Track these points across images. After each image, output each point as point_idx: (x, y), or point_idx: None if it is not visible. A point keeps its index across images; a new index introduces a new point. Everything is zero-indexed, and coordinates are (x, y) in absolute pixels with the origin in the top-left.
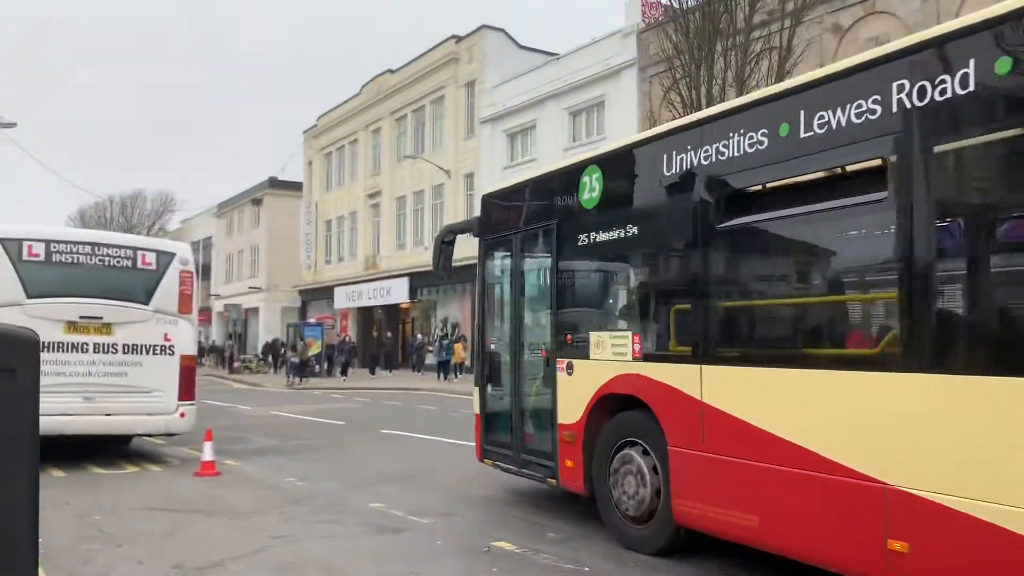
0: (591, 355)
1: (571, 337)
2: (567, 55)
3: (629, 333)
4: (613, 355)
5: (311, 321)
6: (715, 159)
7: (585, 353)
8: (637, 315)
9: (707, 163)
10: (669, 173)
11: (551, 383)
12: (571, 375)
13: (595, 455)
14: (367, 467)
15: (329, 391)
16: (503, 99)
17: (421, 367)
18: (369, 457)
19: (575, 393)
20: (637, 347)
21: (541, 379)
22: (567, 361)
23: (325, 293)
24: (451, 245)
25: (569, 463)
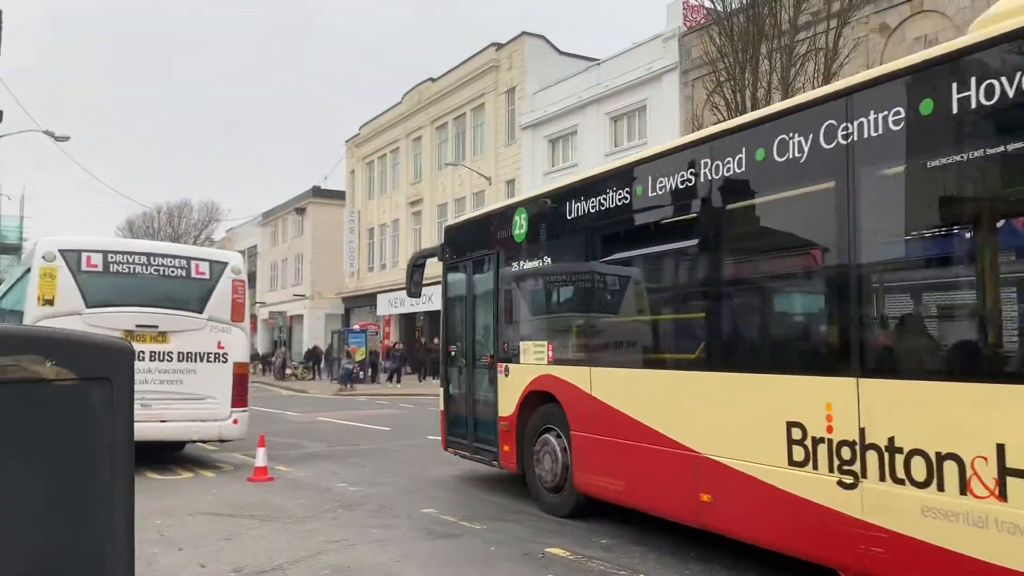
0: (521, 360)
1: (507, 345)
2: (608, 60)
3: (545, 343)
4: (535, 360)
5: (355, 328)
6: (597, 209)
7: (517, 358)
8: (550, 328)
9: (592, 212)
10: (570, 218)
11: (493, 383)
12: (507, 376)
13: (524, 440)
14: (416, 472)
15: (374, 397)
16: (544, 105)
17: None
18: (417, 462)
19: (510, 391)
20: (551, 354)
21: (487, 380)
22: (505, 365)
23: (368, 300)
24: (421, 268)
25: (506, 448)
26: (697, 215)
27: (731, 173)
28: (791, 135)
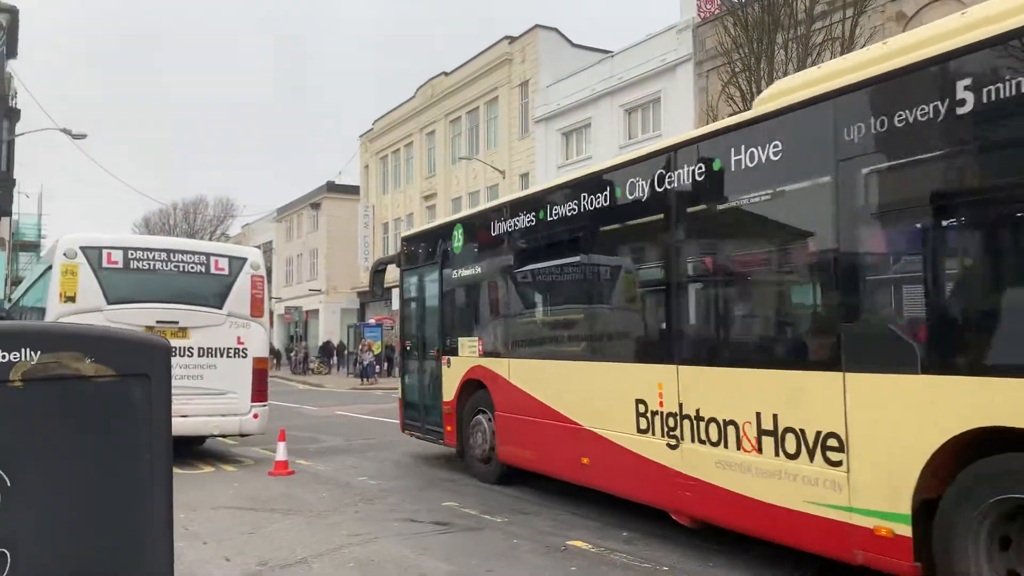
0: (459, 354)
1: (449, 341)
2: (621, 52)
3: (476, 338)
4: (470, 353)
5: (371, 322)
6: (517, 227)
7: (457, 352)
8: (480, 326)
9: (512, 228)
10: (494, 234)
11: (439, 373)
12: (449, 367)
13: (462, 421)
14: (434, 466)
15: (391, 391)
16: (557, 98)
17: None
18: (435, 456)
19: (451, 380)
20: (480, 348)
21: (434, 371)
22: (447, 358)
23: (383, 295)
24: (383, 272)
25: (449, 428)
26: (575, 240)
27: (597, 207)
28: (637, 179)
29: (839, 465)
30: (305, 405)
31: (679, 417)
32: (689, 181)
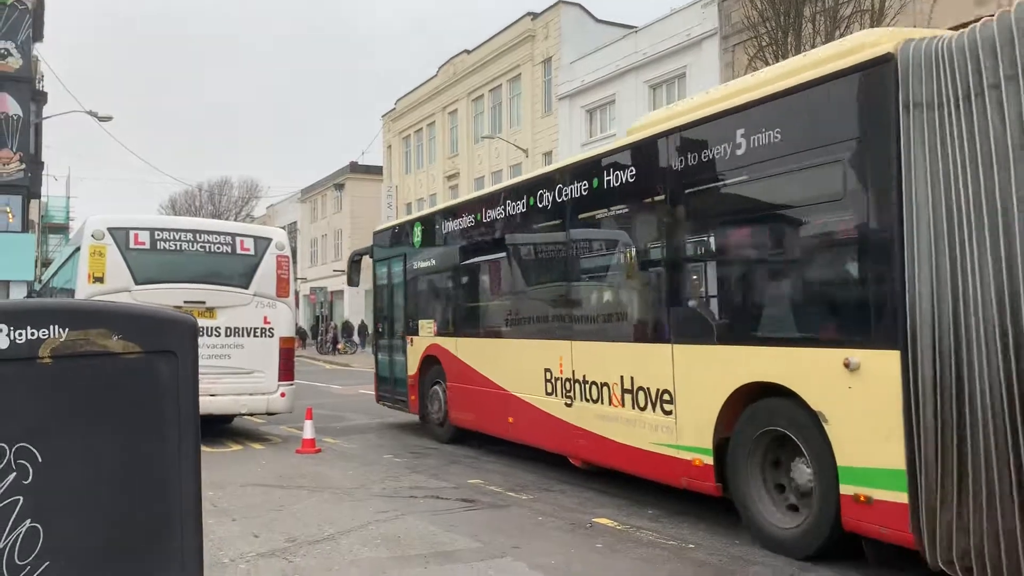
0: (419, 333)
1: (411, 323)
2: (646, 27)
3: (432, 320)
4: (427, 333)
5: None
6: (459, 227)
7: (417, 332)
8: (435, 310)
9: (456, 228)
10: (445, 231)
11: (403, 351)
12: (412, 346)
13: (422, 392)
14: (460, 444)
15: None
16: (581, 75)
17: None
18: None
19: (413, 356)
20: (435, 329)
21: (401, 349)
22: (411, 337)
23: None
24: (358, 263)
25: (412, 398)
26: (500, 240)
27: (513, 214)
28: (542, 191)
29: (670, 414)
30: (332, 384)
31: (573, 382)
32: (576, 196)
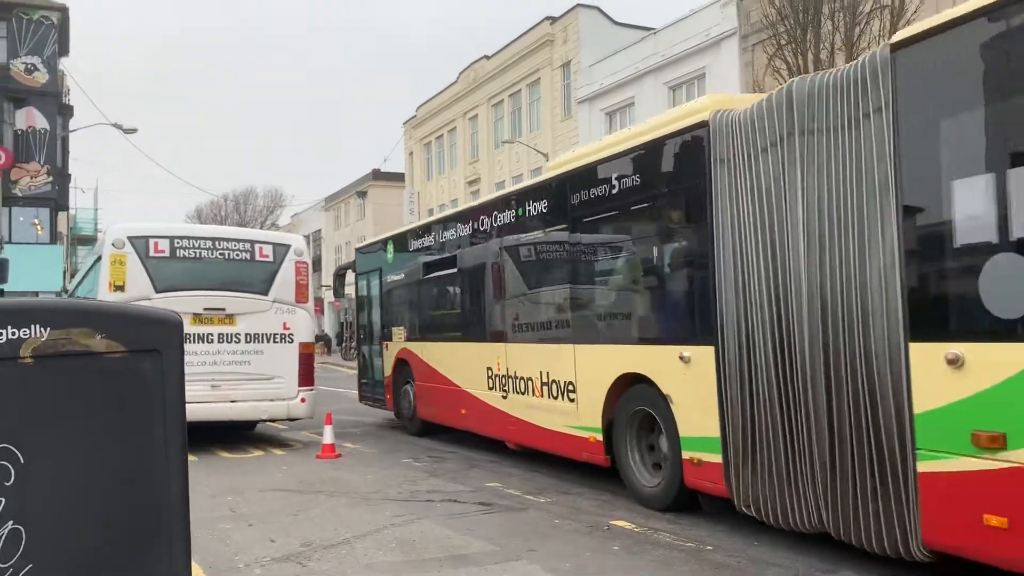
0: (393, 339)
1: (386, 330)
2: (664, 28)
3: (403, 327)
4: (399, 339)
5: None
6: (422, 245)
7: (391, 338)
8: (405, 318)
9: (419, 246)
10: (412, 249)
11: (380, 355)
12: (387, 350)
13: (396, 391)
14: (478, 447)
15: None
16: (600, 77)
17: None
18: (478, 437)
19: (388, 359)
20: (405, 335)
21: (378, 353)
22: (386, 343)
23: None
24: (342, 277)
25: (388, 396)
26: (449, 258)
27: (459, 236)
28: (482, 216)
29: (574, 401)
30: (352, 389)
31: (507, 377)
32: (504, 223)
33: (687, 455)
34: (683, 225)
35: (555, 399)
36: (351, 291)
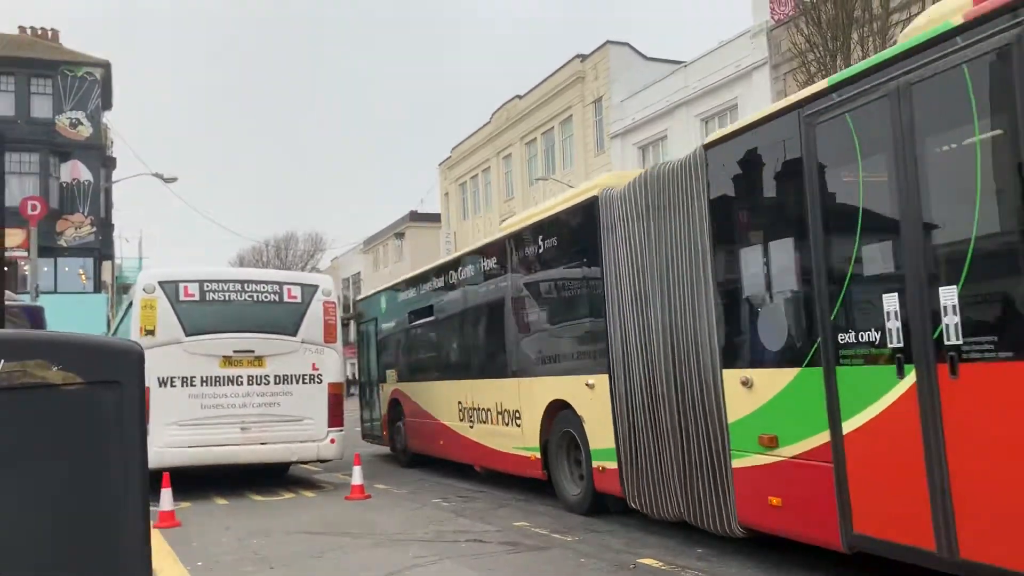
0: (387, 380)
1: (381, 373)
2: (695, 61)
3: (395, 370)
4: (391, 380)
5: None
6: (405, 298)
7: (385, 379)
8: (395, 362)
9: (409, 298)
10: (400, 300)
11: (378, 394)
12: (382, 391)
13: (391, 427)
14: (508, 486)
15: None
16: (632, 112)
17: None
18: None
19: (383, 399)
20: (396, 376)
21: (376, 394)
22: (381, 384)
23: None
24: (346, 326)
25: (385, 432)
26: (426, 308)
27: (430, 289)
28: (448, 274)
29: (520, 426)
30: None
31: (472, 409)
32: (464, 278)
33: (596, 464)
34: (585, 277)
35: (506, 425)
36: None
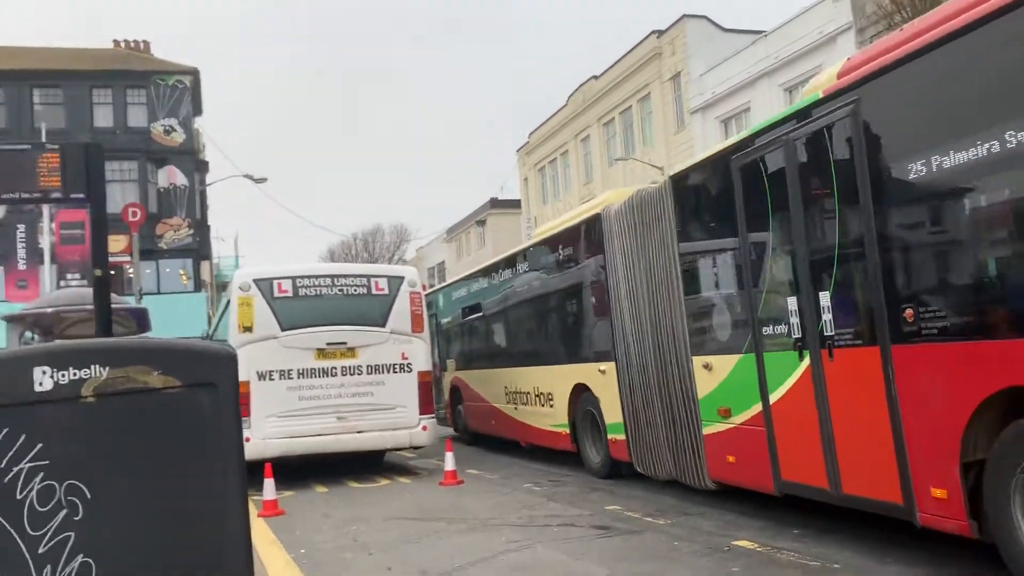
0: (448, 369)
1: (444, 362)
2: (775, 30)
3: (454, 360)
4: (452, 369)
5: None
6: (461, 294)
7: (447, 368)
8: (455, 352)
9: (463, 296)
10: (455, 298)
11: (440, 382)
12: (445, 378)
13: (453, 410)
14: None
15: None
16: (712, 86)
17: None
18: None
19: (446, 385)
20: (455, 365)
21: (440, 381)
22: (444, 372)
23: None
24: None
25: (448, 415)
26: (477, 305)
27: (480, 288)
28: (495, 271)
29: (552, 406)
30: None
31: (516, 393)
32: (507, 278)
33: (610, 436)
34: (597, 279)
35: (542, 406)
36: None
